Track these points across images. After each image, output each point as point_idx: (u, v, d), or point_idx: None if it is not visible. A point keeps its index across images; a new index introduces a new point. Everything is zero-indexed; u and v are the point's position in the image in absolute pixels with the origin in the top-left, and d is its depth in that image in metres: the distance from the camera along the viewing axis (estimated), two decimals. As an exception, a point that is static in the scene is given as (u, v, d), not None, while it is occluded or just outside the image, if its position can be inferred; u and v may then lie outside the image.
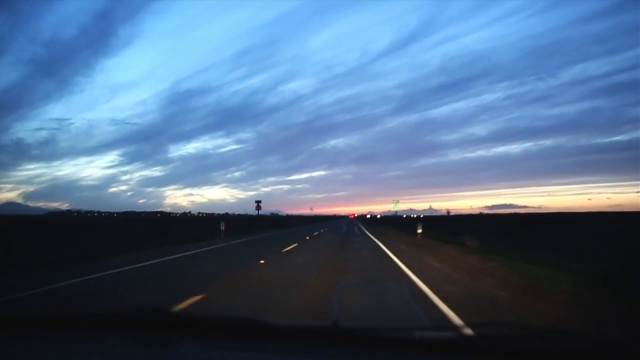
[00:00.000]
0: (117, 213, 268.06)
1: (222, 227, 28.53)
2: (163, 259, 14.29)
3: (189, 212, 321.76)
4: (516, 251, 14.64)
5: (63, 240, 19.31)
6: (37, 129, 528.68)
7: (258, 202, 43.18)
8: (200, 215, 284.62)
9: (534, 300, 6.96)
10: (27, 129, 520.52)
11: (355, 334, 1.27)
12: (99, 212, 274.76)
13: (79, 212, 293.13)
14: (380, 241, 23.87)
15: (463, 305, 6.59)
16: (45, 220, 71.58)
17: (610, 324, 5.44)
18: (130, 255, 15.59)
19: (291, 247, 19.66)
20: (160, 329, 1.45)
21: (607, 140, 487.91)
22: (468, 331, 1.24)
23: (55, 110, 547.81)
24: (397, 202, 42.35)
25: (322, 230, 41.99)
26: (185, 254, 16.38)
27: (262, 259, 13.72)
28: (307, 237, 28.23)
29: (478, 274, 9.96)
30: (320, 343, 1.29)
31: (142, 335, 1.43)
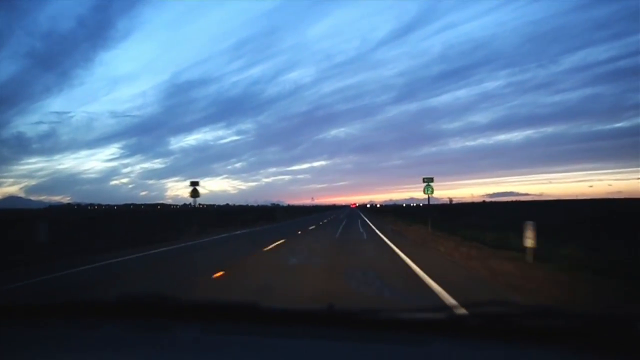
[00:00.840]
0: (117, 205, 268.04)
1: (195, 226, 24.68)
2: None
3: (190, 204, 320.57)
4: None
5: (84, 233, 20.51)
6: (38, 123, 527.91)
7: (194, 183, 26.32)
8: (201, 206, 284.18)
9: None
10: (28, 122, 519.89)
11: (350, 316, 1.30)
12: (99, 205, 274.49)
13: (79, 205, 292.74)
14: (403, 252, 13.12)
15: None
16: (45, 213, 70.58)
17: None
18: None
19: (273, 245, 16.05)
20: (158, 314, 1.47)
21: (608, 127, 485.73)
22: (461, 311, 1.26)
23: (55, 103, 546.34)
24: (430, 183, 23.33)
25: (310, 228, 29.47)
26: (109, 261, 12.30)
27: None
28: (283, 241, 18.22)
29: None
30: (317, 325, 1.32)
31: (140, 321, 1.44)
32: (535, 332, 1.12)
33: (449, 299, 6.29)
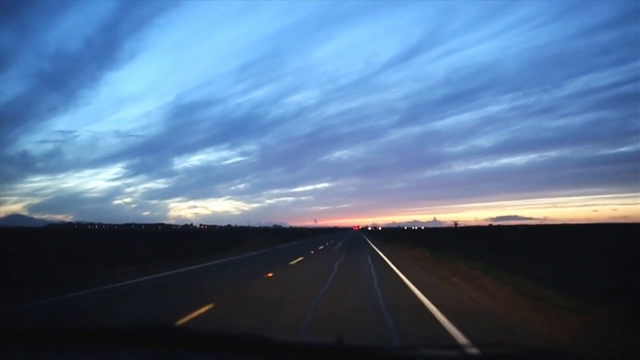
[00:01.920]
0: (118, 225, 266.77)
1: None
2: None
3: (191, 224, 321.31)
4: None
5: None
6: (43, 142, 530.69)
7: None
8: (202, 227, 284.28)
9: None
10: (33, 141, 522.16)
11: (358, 352, 1.29)
12: (100, 224, 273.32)
13: (79, 224, 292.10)
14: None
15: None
16: (45, 232, 68.73)
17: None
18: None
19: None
20: (167, 344, 1.46)
21: (612, 151, 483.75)
22: (471, 350, 1.27)
23: (61, 122, 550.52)
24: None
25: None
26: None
27: None
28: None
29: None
30: (326, 359, 1.32)
31: (150, 350, 1.44)
32: None
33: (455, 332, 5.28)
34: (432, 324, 5.72)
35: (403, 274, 12.16)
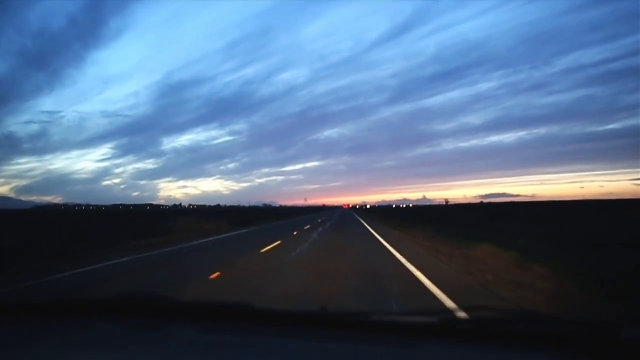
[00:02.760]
0: (106, 206, 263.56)
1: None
2: None
3: (180, 204, 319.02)
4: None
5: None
6: (28, 122, 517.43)
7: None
8: (191, 207, 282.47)
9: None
10: (18, 122, 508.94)
11: (342, 318, 1.31)
12: (88, 205, 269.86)
13: (66, 205, 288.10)
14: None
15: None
16: (28, 214, 66.28)
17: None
18: None
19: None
20: (153, 314, 1.47)
21: (601, 128, 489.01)
22: (451, 315, 1.28)
23: (47, 103, 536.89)
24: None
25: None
26: None
27: None
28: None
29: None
30: (310, 327, 1.34)
31: (135, 320, 1.44)
32: (523, 337, 1.14)
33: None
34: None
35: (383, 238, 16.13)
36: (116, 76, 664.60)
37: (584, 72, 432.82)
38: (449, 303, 5.38)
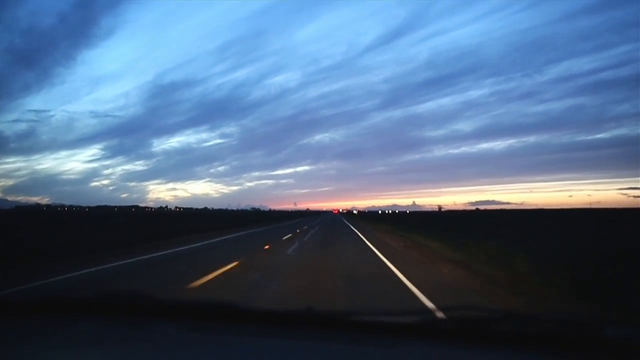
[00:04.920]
0: (90, 207, 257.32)
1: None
2: None
3: (166, 207, 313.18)
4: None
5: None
6: (15, 121, 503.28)
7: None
8: (178, 209, 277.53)
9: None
10: (5, 121, 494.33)
11: (328, 318, 1.31)
12: (71, 207, 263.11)
13: (49, 206, 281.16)
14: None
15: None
16: (6, 215, 63.05)
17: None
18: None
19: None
20: (135, 312, 1.46)
21: (589, 137, 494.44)
22: (436, 314, 1.31)
23: (35, 102, 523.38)
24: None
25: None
26: None
27: None
28: None
29: None
30: (295, 326, 1.33)
31: (117, 318, 1.44)
32: (507, 336, 1.14)
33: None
34: None
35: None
36: (106, 76, 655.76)
37: (574, 81, 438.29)
38: None
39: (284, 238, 19.55)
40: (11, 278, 8.43)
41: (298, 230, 27.41)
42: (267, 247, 15.40)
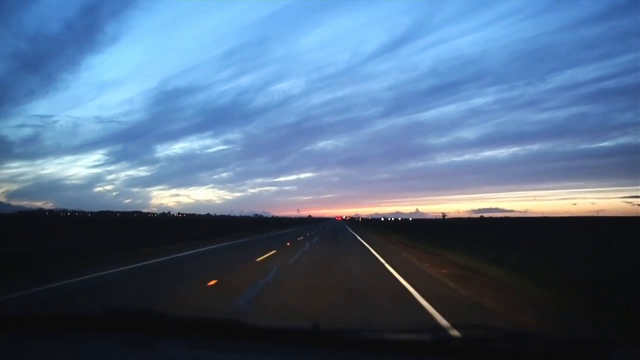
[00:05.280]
0: (92, 213, 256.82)
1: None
2: None
3: (169, 213, 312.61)
4: None
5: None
6: (20, 126, 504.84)
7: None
8: (180, 215, 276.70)
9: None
10: (10, 126, 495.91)
11: (335, 336, 1.31)
12: (73, 212, 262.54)
13: (52, 211, 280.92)
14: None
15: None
16: (9, 219, 62.58)
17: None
18: None
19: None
20: (144, 329, 1.46)
21: (593, 146, 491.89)
22: (446, 333, 1.29)
23: (40, 107, 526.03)
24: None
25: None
26: None
27: None
28: None
29: None
30: (302, 344, 1.32)
31: (125, 336, 1.44)
32: (515, 356, 1.15)
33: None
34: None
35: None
36: (111, 82, 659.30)
37: (578, 89, 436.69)
38: None
39: (258, 259, 13.41)
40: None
41: (288, 244, 21.43)
42: (260, 258, 12.90)
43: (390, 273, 10.26)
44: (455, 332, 1.26)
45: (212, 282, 8.55)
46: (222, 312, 5.77)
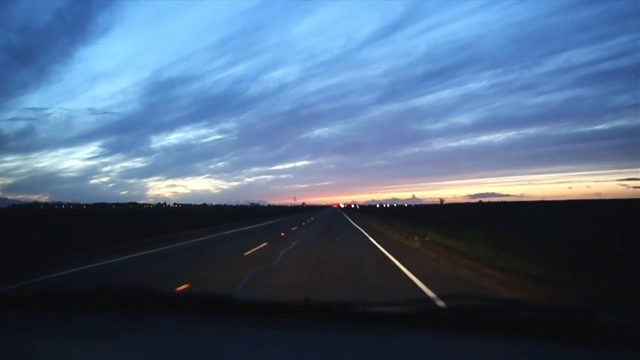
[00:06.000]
0: (87, 205, 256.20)
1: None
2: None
3: (164, 203, 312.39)
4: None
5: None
6: (14, 119, 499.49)
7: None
8: (176, 206, 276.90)
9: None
10: (3, 119, 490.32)
11: (326, 309, 1.32)
12: (68, 205, 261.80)
13: (47, 204, 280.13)
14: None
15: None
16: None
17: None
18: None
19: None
20: (133, 306, 1.47)
21: (589, 129, 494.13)
22: (435, 304, 1.30)
23: (33, 100, 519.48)
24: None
25: None
26: None
27: None
28: None
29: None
30: (292, 317, 1.33)
31: (116, 312, 1.44)
32: (503, 325, 1.16)
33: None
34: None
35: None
36: (104, 73, 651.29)
37: (574, 72, 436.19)
38: None
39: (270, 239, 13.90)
40: None
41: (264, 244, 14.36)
42: (247, 252, 11.82)
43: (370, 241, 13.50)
44: (444, 303, 1.27)
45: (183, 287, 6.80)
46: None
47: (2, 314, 1.45)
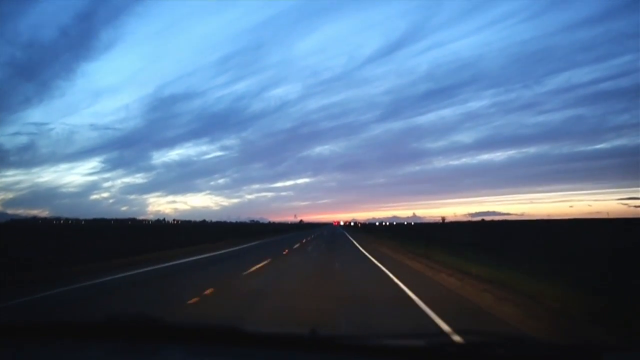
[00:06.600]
0: (86, 220, 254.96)
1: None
2: None
3: (164, 220, 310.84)
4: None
5: None
6: (15, 134, 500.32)
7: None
8: (175, 222, 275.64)
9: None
10: (5, 134, 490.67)
11: (333, 342, 1.30)
12: (67, 219, 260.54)
13: (45, 219, 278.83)
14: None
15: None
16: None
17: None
18: None
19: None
20: (143, 336, 1.46)
21: (589, 148, 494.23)
22: (444, 338, 1.30)
23: (35, 114, 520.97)
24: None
25: None
26: None
27: None
28: None
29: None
30: (299, 350, 1.32)
31: (125, 343, 1.43)
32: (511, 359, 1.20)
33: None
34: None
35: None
36: (106, 89, 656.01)
37: (574, 92, 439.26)
38: None
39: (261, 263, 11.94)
40: None
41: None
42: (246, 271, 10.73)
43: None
44: (454, 338, 1.27)
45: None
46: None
47: (3, 343, 1.39)
